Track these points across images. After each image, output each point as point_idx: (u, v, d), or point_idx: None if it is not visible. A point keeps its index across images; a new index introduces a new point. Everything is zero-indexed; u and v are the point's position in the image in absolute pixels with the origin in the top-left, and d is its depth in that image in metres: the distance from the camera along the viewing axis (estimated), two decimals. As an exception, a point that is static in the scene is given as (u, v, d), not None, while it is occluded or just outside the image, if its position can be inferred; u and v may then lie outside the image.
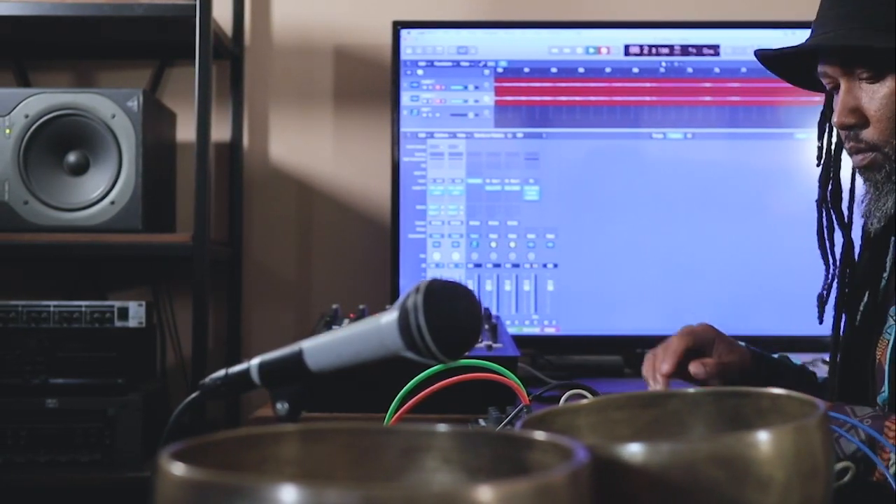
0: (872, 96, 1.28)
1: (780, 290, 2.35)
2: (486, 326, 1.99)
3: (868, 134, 1.29)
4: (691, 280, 2.37)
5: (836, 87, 1.32)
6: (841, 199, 1.40)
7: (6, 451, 2.09)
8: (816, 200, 1.40)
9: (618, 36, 2.40)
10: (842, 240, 1.39)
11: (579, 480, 0.54)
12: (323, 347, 0.83)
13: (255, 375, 0.87)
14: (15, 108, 2.14)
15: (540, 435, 0.61)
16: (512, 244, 2.38)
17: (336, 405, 1.75)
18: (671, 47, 2.40)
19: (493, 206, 2.39)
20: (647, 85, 2.39)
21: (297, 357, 0.84)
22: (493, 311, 2.32)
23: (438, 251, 2.38)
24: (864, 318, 1.35)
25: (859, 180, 1.36)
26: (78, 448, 2.11)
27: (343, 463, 0.66)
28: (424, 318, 0.77)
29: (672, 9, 2.55)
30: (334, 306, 2.09)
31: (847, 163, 1.38)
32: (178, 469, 0.52)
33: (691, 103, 2.39)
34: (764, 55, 1.40)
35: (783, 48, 1.36)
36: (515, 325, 2.36)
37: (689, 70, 2.39)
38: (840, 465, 0.99)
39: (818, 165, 1.41)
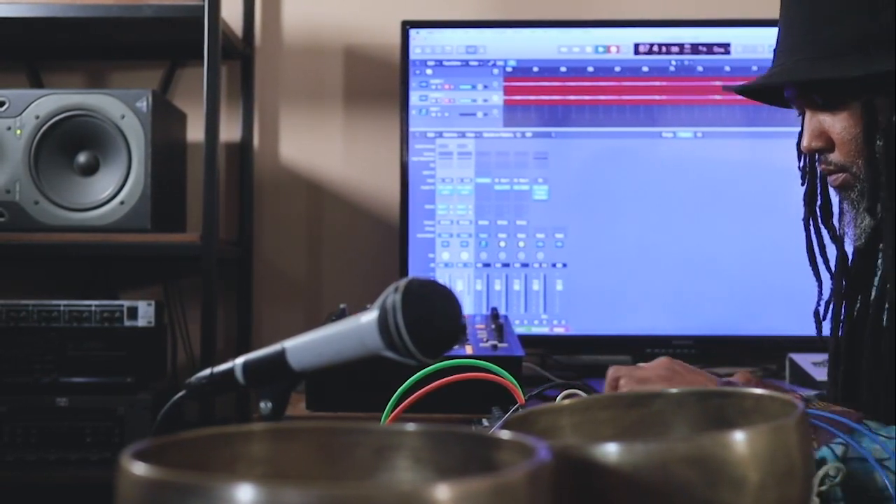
0: (833, 121, 1.29)
1: (792, 289, 2.33)
2: (493, 326, 1.99)
3: (835, 157, 1.30)
4: (701, 280, 2.36)
5: (804, 113, 1.34)
6: (831, 214, 1.40)
7: (17, 450, 2.11)
8: (803, 219, 1.40)
9: (627, 35, 2.39)
10: (836, 253, 1.39)
11: (538, 480, 0.54)
12: (305, 347, 0.84)
13: (239, 375, 0.87)
14: (25, 109, 2.16)
15: (506, 434, 0.61)
16: (521, 244, 2.38)
17: (337, 405, 1.75)
18: (681, 46, 2.39)
19: (502, 205, 2.38)
20: (657, 84, 2.39)
21: (280, 356, 0.85)
22: (502, 311, 2.32)
23: (447, 251, 2.38)
24: (855, 325, 1.35)
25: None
26: (88, 447, 2.12)
27: (315, 462, 0.66)
28: (402, 317, 0.77)
29: (682, 7, 2.54)
30: (342, 306, 2.09)
31: None
32: (134, 467, 0.52)
33: (701, 102, 2.38)
34: (738, 91, 1.42)
35: (745, 85, 1.39)
36: (524, 325, 2.36)
37: (700, 69, 2.38)
38: (829, 467, 0.98)
39: (802, 185, 1.41)
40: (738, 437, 0.67)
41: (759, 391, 0.80)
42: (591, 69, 2.39)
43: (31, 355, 2.14)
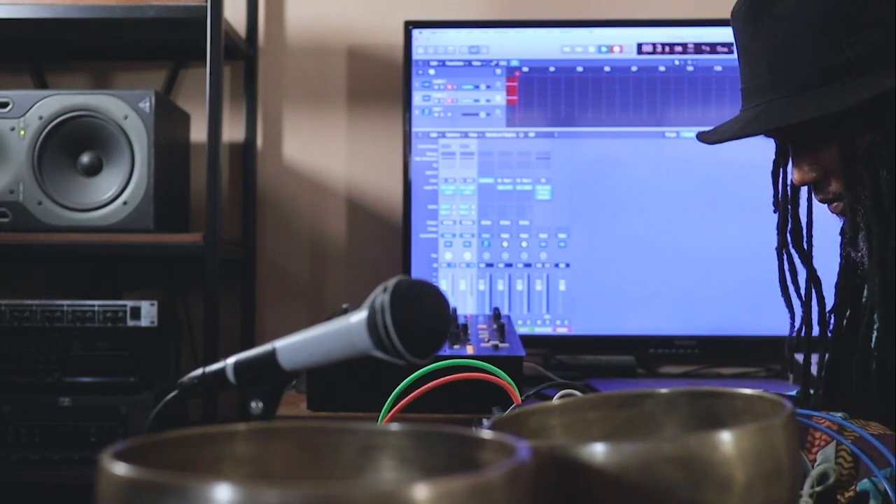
0: (823, 152, 1.26)
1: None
2: (495, 326, 1.99)
3: (833, 187, 1.27)
4: (704, 280, 2.35)
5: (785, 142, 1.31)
6: (802, 237, 1.37)
7: (21, 449, 2.12)
8: (776, 248, 1.37)
9: (631, 34, 2.39)
10: (805, 275, 1.36)
11: (517, 479, 0.54)
12: (295, 347, 0.84)
13: (230, 374, 0.87)
14: (29, 109, 2.17)
15: (488, 434, 0.61)
16: (524, 244, 2.38)
17: (339, 405, 1.75)
18: (684, 45, 2.38)
19: (504, 205, 2.38)
20: (660, 83, 2.38)
21: (271, 356, 0.85)
22: (505, 311, 2.32)
23: (450, 251, 2.38)
24: (844, 338, 1.34)
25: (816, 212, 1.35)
26: (92, 446, 2.13)
27: (299, 462, 0.66)
28: (391, 317, 0.77)
29: (685, 6, 2.53)
30: (344, 306, 2.09)
31: (803, 198, 1.37)
32: (113, 467, 0.52)
33: (704, 101, 2.37)
34: (714, 141, 1.36)
35: (717, 136, 1.34)
36: (527, 325, 2.36)
37: (703, 68, 2.38)
38: (821, 469, 0.97)
39: (775, 212, 1.38)
40: (724, 438, 0.66)
41: (748, 391, 0.79)
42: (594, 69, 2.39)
43: (35, 355, 2.15)
